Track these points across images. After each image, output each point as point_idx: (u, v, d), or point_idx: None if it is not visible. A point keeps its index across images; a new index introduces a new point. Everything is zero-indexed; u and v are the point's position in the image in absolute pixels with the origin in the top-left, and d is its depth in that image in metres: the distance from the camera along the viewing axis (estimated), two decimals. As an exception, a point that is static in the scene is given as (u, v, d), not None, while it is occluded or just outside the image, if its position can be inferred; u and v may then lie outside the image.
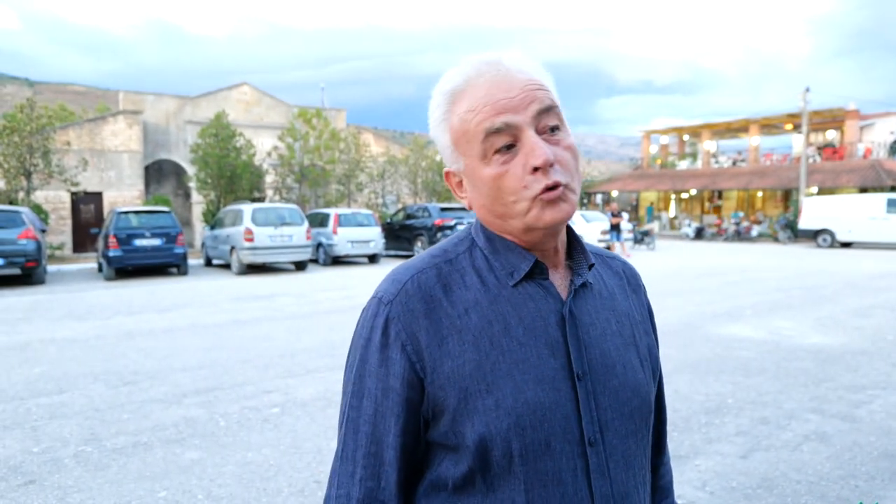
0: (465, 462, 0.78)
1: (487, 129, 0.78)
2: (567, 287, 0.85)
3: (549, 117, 0.79)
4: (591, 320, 0.84)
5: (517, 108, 0.77)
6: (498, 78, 0.79)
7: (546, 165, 0.76)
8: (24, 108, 17.66)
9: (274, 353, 6.07)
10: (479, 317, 0.80)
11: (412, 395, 0.79)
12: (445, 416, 0.78)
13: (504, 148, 0.78)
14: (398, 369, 0.79)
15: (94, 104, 62.29)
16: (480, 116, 0.78)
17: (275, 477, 3.29)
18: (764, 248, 21.61)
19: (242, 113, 25.77)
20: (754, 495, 3.02)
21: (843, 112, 31.03)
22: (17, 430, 4.04)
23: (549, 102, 0.79)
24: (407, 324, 0.79)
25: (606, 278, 0.92)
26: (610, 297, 0.89)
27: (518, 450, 0.76)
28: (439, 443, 0.80)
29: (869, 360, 5.60)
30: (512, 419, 0.76)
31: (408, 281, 0.82)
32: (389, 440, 0.80)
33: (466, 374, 0.77)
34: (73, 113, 40.59)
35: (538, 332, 0.80)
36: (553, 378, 0.79)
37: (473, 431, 0.76)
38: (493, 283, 0.82)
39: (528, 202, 0.78)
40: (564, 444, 0.78)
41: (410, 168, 27.10)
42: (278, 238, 14.54)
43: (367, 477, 0.80)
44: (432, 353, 0.78)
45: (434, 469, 0.82)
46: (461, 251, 0.86)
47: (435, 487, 0.81)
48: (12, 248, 11.88)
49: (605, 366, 0.82)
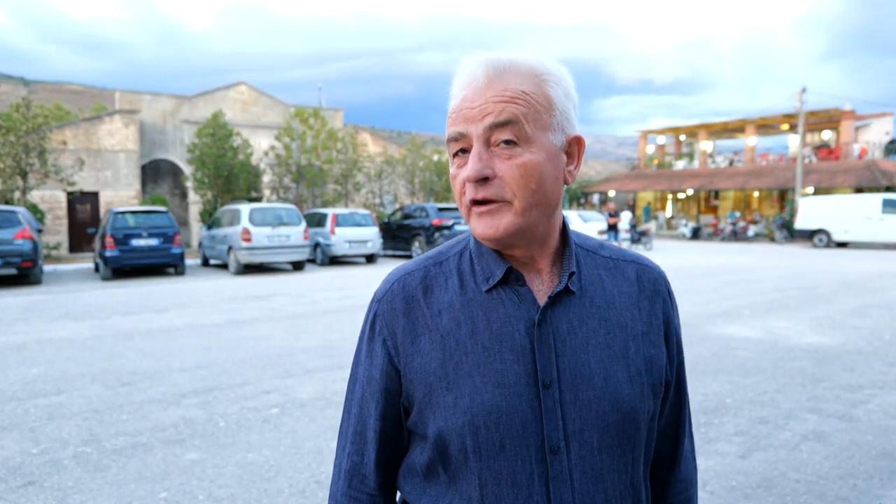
0: (427, 453, 0.85)
1: (449, 135, 0.82)
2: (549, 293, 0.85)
3: (502, 131, 0.78)
4: (570, 328, 0.83)
5: (474, 118, 0.78)
6: (476, 85, 0.79)
7: (471, 180, 0.79)
8: (19, 107, 17.59)
9: (272, 354, 6.06)
10: (449, 318, 0.84)
11: (390, 385, 0.86)
12: (415, 407, 0.85)
13: (460, 152, 0.82)
14: (379, 361, 0.87)
15: (90, 103, 62.09)
16: (449, 122, 0.82)
17: (275, 477, 3.29)
18: (760, 248, 21.67)
19: (240, 112, 25.72)
20: (754, 495, 3.03)
21: (839, 112, 31.15)
22: (16, 431, 4.02)
23: (506, 116, 0.77)
24: (389, 321, 0.87)
25: (610, 285, 0.88)
26: (606, 305, 0.86)
27: (472, 447, 0.80)
28: (413, 431, 0.88)
29: (866, 359, 5.62)
30: (467, 418, 0.80)
31: (395, 282, 0.89)
32: (371, 423, 0.89)
33: (431, 370, 0.83)
34: (70, 112, 40.46)
35: (504, 337, 0.82)
36: (514, 383, 0.80)
37: (434, 425, 0.82)
38: (471, 286, 0.86)
39: (466, 210, 0.83)
40: (521, 449, 0.79)
41: (408, 168, 27.09)
42: (276, 238, 14.52)
43: (353, 452, 0.91)
44: (406, 349, 0.85)
45: (409, 454, 0.89)
46: (453, 254, 0.90)
47: (410, 471, 0.89)
48: (8, 248, 11.84)
49: (579, 375, 0.82)
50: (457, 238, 0.93)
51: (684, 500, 0.99)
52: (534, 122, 0.78)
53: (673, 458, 0.98)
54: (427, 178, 27.48)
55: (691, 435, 1.01)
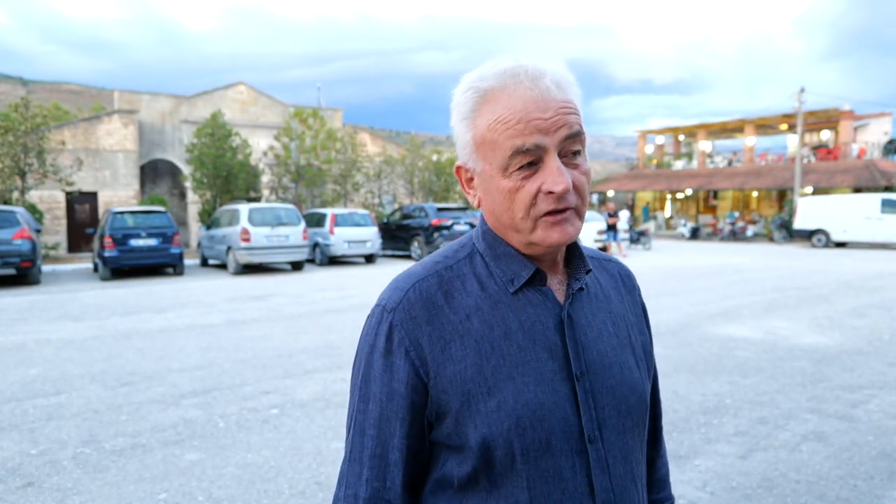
0: (469, 462, 0.81)
1: (518, 147, 0.79)
2: (564, 291, 0.88)
3: (574, 143, 0.81)
4: (588, 322, 0.87)
5: (548, 129, 0.79)
6: (536, 94, 0.79)
7: (564, 193, 0.79)
8: (18, 107, 17.56)
9: (272, 354, 6.05)
10: (480, 322, 0.83)
11: (416, 399, 0.82)
12: (449, 417, 0.81)
13: (526, 165, 0.80)
14: (402, 374, 0.82)
15: (89, 103, 62.01)
16: (512, 132, 0.79)
17: (275, 478, 3.29)
18: (759, 248, 21.69)
19: (239, 112, 25.69)
20: (754, 495, 3.03)
21: (838, 112, 31.18)
22: (15, 431, 4.02)
23: (577, 128, 0.80)
24: (410, 330, 0.82)
25: (602, 281, 0.95)
26: (606, 299, 0.93)
27: (519, 449, 0.80)
28: (444, 443, 0.83)
29: (865, 359, 5.62)
30: (513, 420, 0.80)
31: (410, 289, 0.85)
32: (395, 442, 0.83)
33: (468, 377, 0.81)
34: (68, 112, 40.42)
35: (537, 336, 0.83)
36: (552, 380, 0.82)
37: (476, 433, 0.80)
38: (493, 289, 0.86)
39: (533, 221, 0.81)
40: (564, 443, 0.81)
41: (407, 168, 27.08)
42: (275, 238, 14.51)
43: (373, 478, 0.83)
44: (435, 357, 0.81)
45: (439, 468, 0.85)
46: (461, 257, 0.89)
47: (441, 486, 0.85)
48: (7, 248, 11.82)
49: (602, 366, 0.86)
50: (456, 242, 0.93)
51: (665, 474, 1.07)
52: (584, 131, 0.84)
53: (655, 436, 1.05)
54: (426, 178, 27.46)
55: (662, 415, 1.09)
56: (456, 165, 0.89)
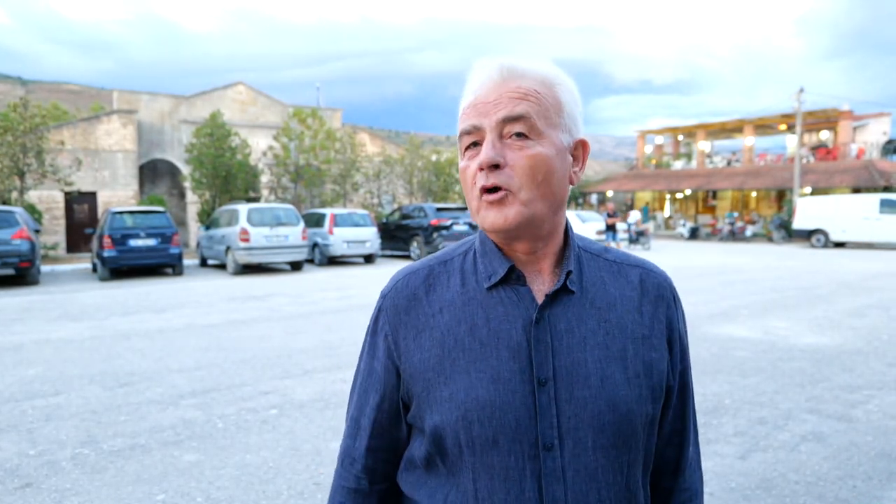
0: (425, 446, 0.87)
1: (462, 128, 0.85)
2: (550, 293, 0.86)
3: (514, 125, 0.81)
4: (569, 328, 0.84)
5: (488, 112, 0.82)
6: (490, 83, 0.83)
7: (485, 165, 0.81)
8: (17, 107, 17.54)
9: (271, 354, 6.05)
10: (450, 316, 0.87)
11: (389, 379, 0.90)
12: (414, 401, 0.88)
13: (472, 145, 0.85)
14: (380, 354, 0.91)
15: (87, 103, 61.97)
16: (463, 117, 0.85)
17: (274, 479, 3.28)
18: (758, 248, 21.70)
19: (238, 112, 25.67)
20: (753, 496, 3.03)
21: (837, 113, 31.20)
22: (13, 432, 4.01)
23: (519, 111, 0.81)
24: (391, 317, 0.90)
25: (612, 288, 0.89)
26: (607, 307, 0.87)
27: (465, 441, 0.82)
28: (413, 425, 0.90)
29: (864, 359, 5.62)
30: (460, 412, 0.82)
31: (400, 280, 0.92)
32: (366, 411, 0.93)
33: (430, 366, 0.85)
34: (67, 112, 40.39)
35: (502, 334, 0.84)
36: (509, 380, 0.82)
37: (431, 419, 0.85)
38: (472, 285, 0.88)
39: (477, 200, 0.84)
40: (514, 444, 0.81)
41: (406, 168, 27.06)
42: (274, 238, 14.50)
43: (348, 435, 0.96)
44: (408, 344, 0.87)
45: (410, 447, 0.92)
46: (459, 253, 0.93)
47: (411, 463, 0.92)
48: (6, 248, 11.81)
49: (575, 374, 0.83)
50: (464, 240, 0.96)
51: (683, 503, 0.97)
52: (544, 119, 0.83)
53: (677, 465, 0.97)
54: (425, 178, 27.45)
55: (697, 444, 1.00)
56: None
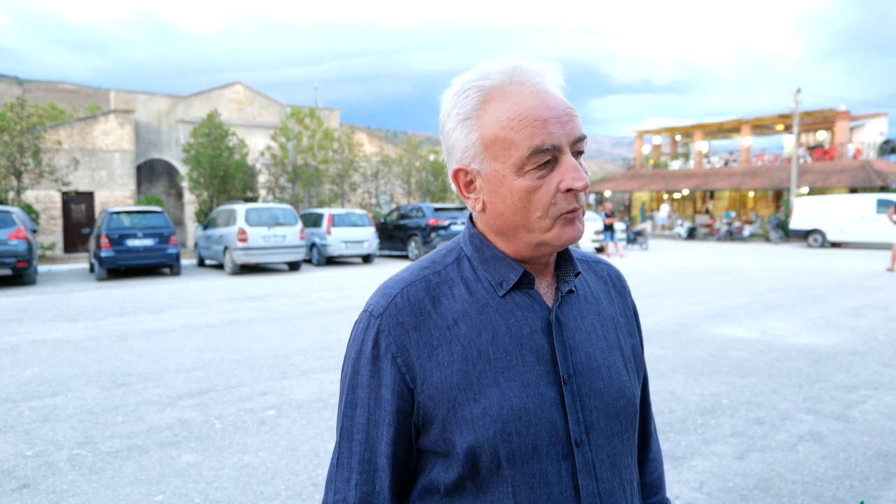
0: (456, 468, 0.81)
1: (537, 146, 0.78)
2: (553, 294, 0.88)
3: (581, 144, 0.82)
4: (576, 325, 0.87)
5: (563, 129, 0.79)
6: (541, 91, 0.80)
7: (583, 190, 0.80)
8: (13, 106, 17.50)
9: (268, 355, 6.04)
10: (468, 327, 0.82)
11: (402, 405, 0.82)
12: (435, 424, 0.81)
13: (543, 164, 0.79)
14: (389, 380, 0.82)
15: (84, 103, 61.80)
16: (530, 131, 0.78)
17: (272, 480, 3.28)
18: (755, 248, 21.74)
19: (235, 112, 25.64)
20: (751, 496, 3.03)
21: (834, 113, 31.28)
22: (10, 433, 4.00)
23: (582, 130, 0.82)
24: (397, 336, 0.82)
25: (592, 284, 0.95)
26: (595, 301, 0.92)
27: (505, 455, 0.79)
28: (431, 450, 0.83)
29: (861, 359, 5.64)
30: (498, 426, 0.79)
31: (397, 294, 0.84)
32: (382, 447, 0.83)
33: (454, 383, 0.80)
34: (64, 112, 40.26)
35: (524, 339, 0.83)
36: (538, 383, 0.81)
37: (462, 440, 0.79)
38: (480, 293, 0.85)
39: (551, 220, 0.81)
40: (551, 447, 0.81)
41: (404, 168, 27.05)
42: (272, 238, 14.49)
43: (362, 482, 0.83)
44: (423, 364, 0.81)
45: (426, 474, 0.85)
46: (449, 262, 0.88)
47: (428, 491, 0.85)
48: (3, 248, 11.78)
49: (590, 369, 0.85)
50: (443, 247, 0.92)
51: (658, 478, 1.04)
52: None
53: (644, 438, 1.04)
54: (423, 178, 27.45)
55: (653, 417, 1.08)
56: (454, 169, 0.85)
